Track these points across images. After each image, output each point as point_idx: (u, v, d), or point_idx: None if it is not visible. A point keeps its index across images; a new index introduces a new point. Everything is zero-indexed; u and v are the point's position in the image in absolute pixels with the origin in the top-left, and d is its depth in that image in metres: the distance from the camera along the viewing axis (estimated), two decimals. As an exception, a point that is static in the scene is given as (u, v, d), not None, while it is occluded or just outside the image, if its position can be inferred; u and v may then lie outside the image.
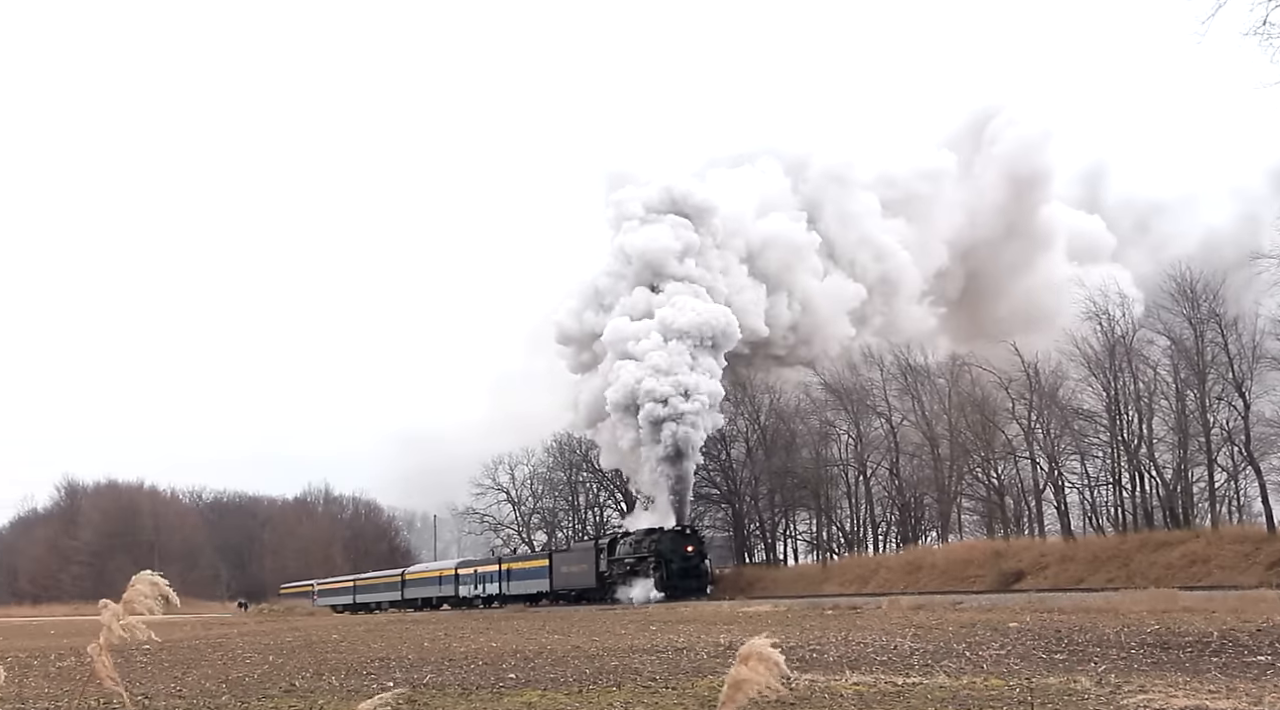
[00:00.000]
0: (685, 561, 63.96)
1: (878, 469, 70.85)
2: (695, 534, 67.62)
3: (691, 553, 64.55)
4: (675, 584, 62.96)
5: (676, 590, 62.16)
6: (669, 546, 64.34)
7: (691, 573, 64.02)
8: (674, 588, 62.53)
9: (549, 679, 19.69)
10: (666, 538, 65.07)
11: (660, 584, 63.22)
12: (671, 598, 60.71)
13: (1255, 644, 20.82)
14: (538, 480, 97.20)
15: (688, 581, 63.31)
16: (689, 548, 64.63)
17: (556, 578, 73.35)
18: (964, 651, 21.70)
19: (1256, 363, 50.23)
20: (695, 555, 64.84)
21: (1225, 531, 51.06)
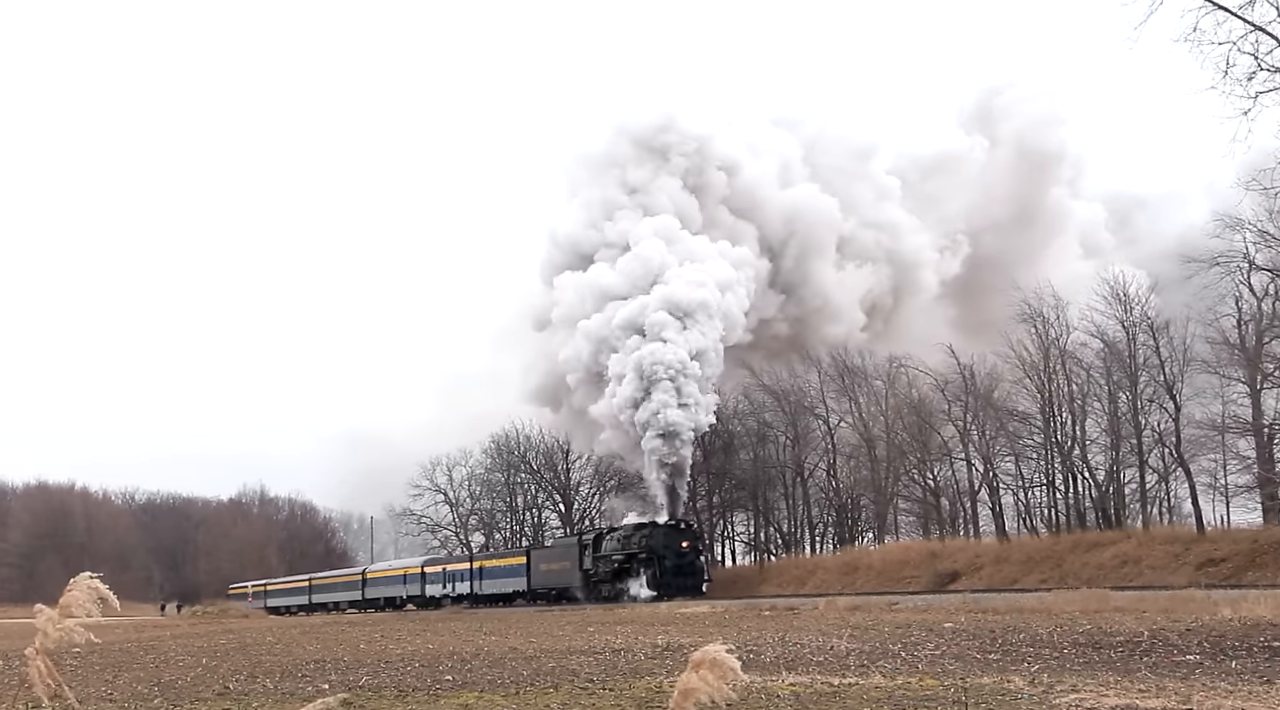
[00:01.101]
0: (680, 558, 60.53)
1: (815, 470, 71.23)
2: (690, 529, 64.02)
3: (687, 549, 61.23)
4: (669, 582, 59.30)
5: (670, 588, 58.59)
6: (662, 542, 60.83)
7: (686, 570, 60.52)
8: (667, 586, 58.91)
9: (486, 681, 19.61)
10: (659, 532, 61.53)
11: (652, 582, 59.70)
12: (665, 597, 57.17)
13: (1184, 643, 21.10)
14: (476, 482, 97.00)
15: (682, 579, 59.70)
16: (684, 543, 61.32)
17: (535, 576, 70.08)
18: (900, 652, 21.83)
19: (1187, 366, 50.90)
20: (690, 551, 61.57)
21: (1156, 532, 51.73)
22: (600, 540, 65.64)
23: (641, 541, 61.44)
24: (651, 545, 60.64)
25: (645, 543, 61.10)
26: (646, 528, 62.53)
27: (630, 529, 63.91)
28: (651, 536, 61.19)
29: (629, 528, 64.46)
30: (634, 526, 64.08)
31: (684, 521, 63.41)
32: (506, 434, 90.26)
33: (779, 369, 72.04)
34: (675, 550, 60.41)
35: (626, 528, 64.86)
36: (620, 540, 63.46)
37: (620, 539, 63.63)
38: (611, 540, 64.51)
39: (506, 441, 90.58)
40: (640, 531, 62.39)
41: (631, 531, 63.27)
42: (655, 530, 61.69)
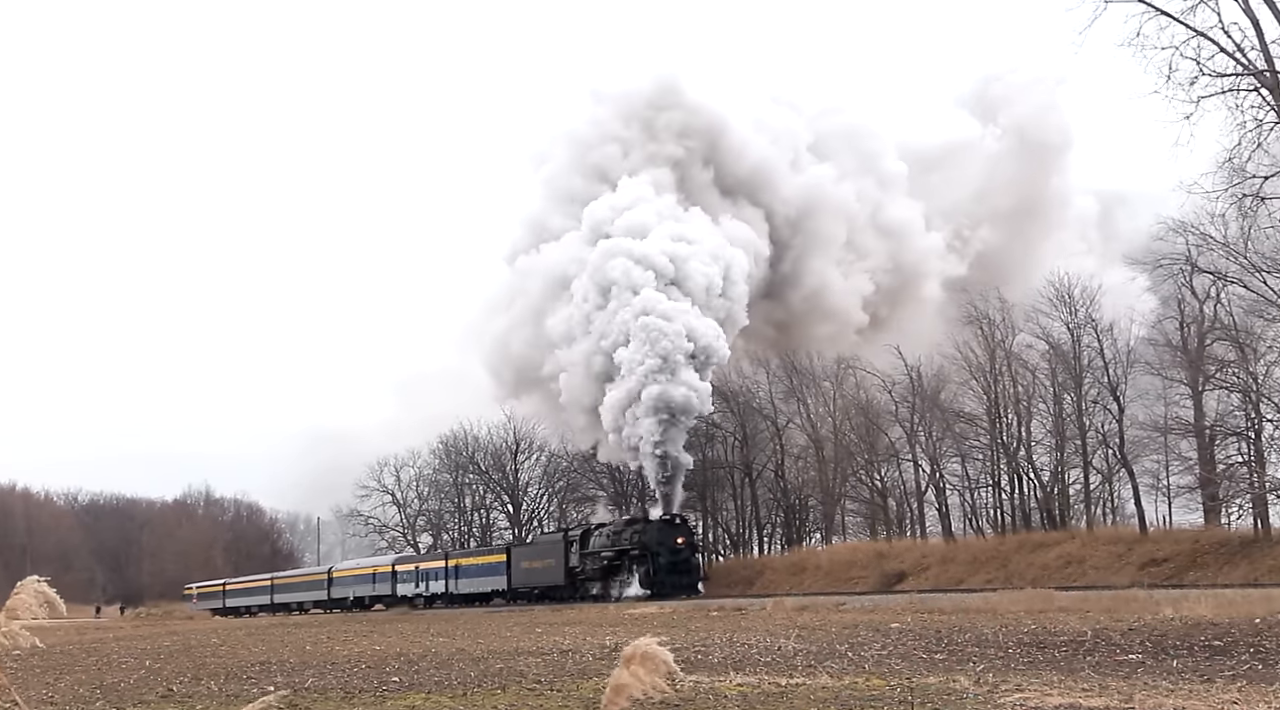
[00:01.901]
0: (674, 555, 57.30)
1: (763, 471, 71.38)
2: (685, 524, 60.56)
3: (682, 545, 58.04)
4: (663, 580, 56.42)
5: (664, 587, 55.92)
6: (655, 538, 57.61)
7: (681, 567, 57.42)
8: (661, 584, 56.17)
9: (433, 682, 19.55)
10: (653, 528, 58.37)
11: (645, 580, 56.85)
12: (659, 596, 54.92)
13: (1127, 643, 21.32)
14: (424, 482, 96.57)
15: (677, 577, 56.80)
16: (679, 540, 58.09)
17: (517, 574, 66.95)
18: (846, 652, 21.94)
19: (1131, 367, 51.41)
20: (686, 548, 58.39)
21: (1100, 533, 52.24)
22: (588, 537, 62.82)
23: (633, 538, 58.60)
24: (644, 542, 57.74)
25: (637, 539, 58.25)
26: (638, 524, 60.07)
27: (620, 525, 61.51)
28: (644, 533, 58.30)
29: (619, 523, 62.20)
30: (625, 522, 61.81)
31: (679, 517, 60.08)
32: (455, 434, 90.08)
33: (727, 369, 71.52)
34: (669, 547, 57.45)
35: (616, 523, 62.59)
36: (610, 537, 60.76)
37: (609, 535, 60.95)
38: (600, 536, 61.76)
39: (455, 442, 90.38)
40: (632, 527, 59.78)
41: (622, 527, 60.75)
42: (648, 526, 58.89)
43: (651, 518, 60.46)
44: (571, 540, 63.39)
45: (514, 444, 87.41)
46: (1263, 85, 24.99)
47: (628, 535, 58.92)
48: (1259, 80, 24.99)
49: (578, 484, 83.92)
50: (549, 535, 71.64)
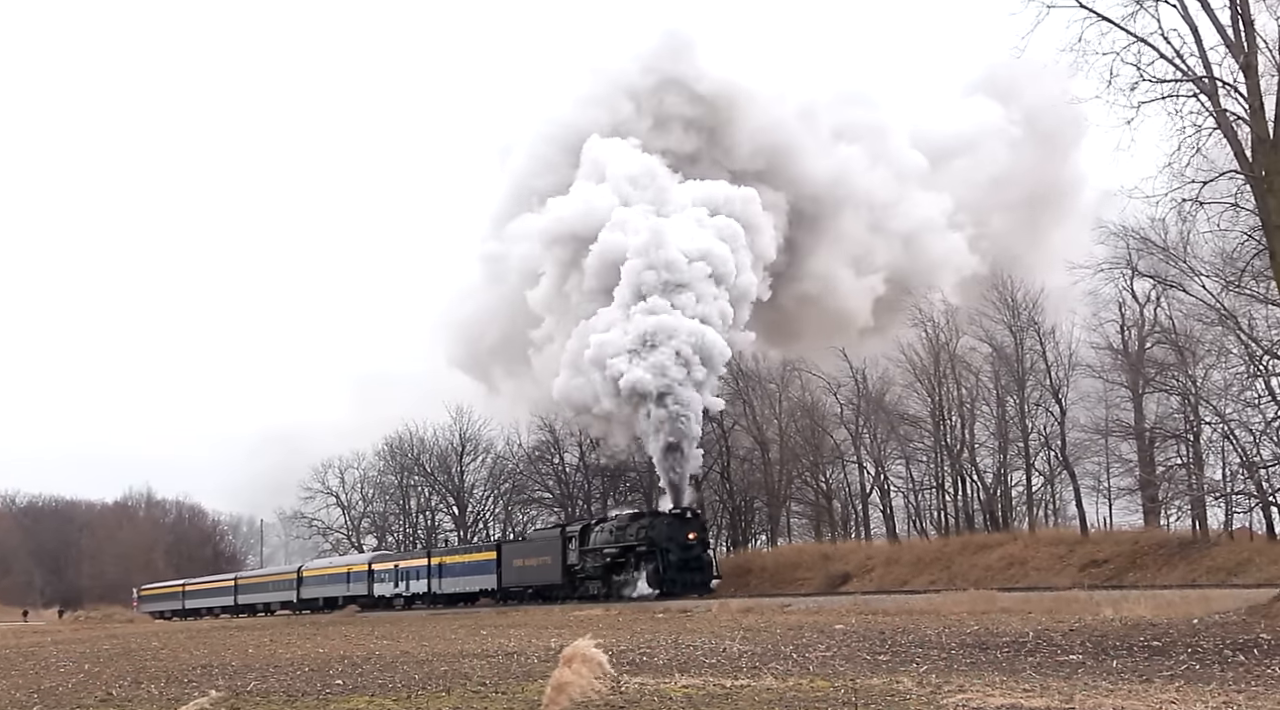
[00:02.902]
0: (686, 551, 53.17)
1: (709, 473, 71.47)
2: (698, 518, 56.18)
3: (694, 541, 53.79)
4: (673, 578, 52.58)
5: (675, 585, 52.17)
6: (665, 533, 53.54)
7: (693, 565, 53.25)
8: (671, 582, 52.41)
9: (377, 685, 19.47)
10: (662, 523, 54.32)
11: (654, 578, 53.07)
12: (669, 595, 51.16)
13: (1068, 644, 21.51)
14: (368, 484, 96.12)
15: (689, 575, 52.87)
16: (691, 535, 53.76)
17: (508, 573, 63.11)
18: (791, 653, 22.01)
19: (1072, 370, 51.91)
20: (698, 544, 54.11)
21: (1041, 534, 52.78)
22: (588, 532, 58.86)
23: (640, 533, 54.76)
24: (653, 537, 53.81)
25: (645, 534, 54.38)
26: (645, 518, 56.52)
27: (625, 519, 57.59)
28: (652, 527, 54.46)
29: (623, 518, 58.14)
30: (630, 516, 58.00)
31: (690, 510, 55.84)
32: (400, 436, 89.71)
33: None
34: (680, 542, 53.40)
35: (620, 518, 58.48)
36: (613, 532, 56.96)
37: (613, 530, 57.08)
38: (602, 532, 57.89)
39: (400, 444, 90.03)
40: (638, 522, 56.10)
41: (627, 522, 56.89)
42: (657, 520, 55.06)
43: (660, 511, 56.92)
44: (570, 536, 59.65)
45: (460, 446, 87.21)
46: (1201, 91, 25.32)
47: (634, 530, 55.38)
48: (1198, 86, 25.31)
49: (523, 486, 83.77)
50: (544, 531, 67.96)
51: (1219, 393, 35.81)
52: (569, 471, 79.28)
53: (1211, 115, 25.31)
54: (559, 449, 78.55)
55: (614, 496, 76.58)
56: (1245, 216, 26.50)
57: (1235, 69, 25.10)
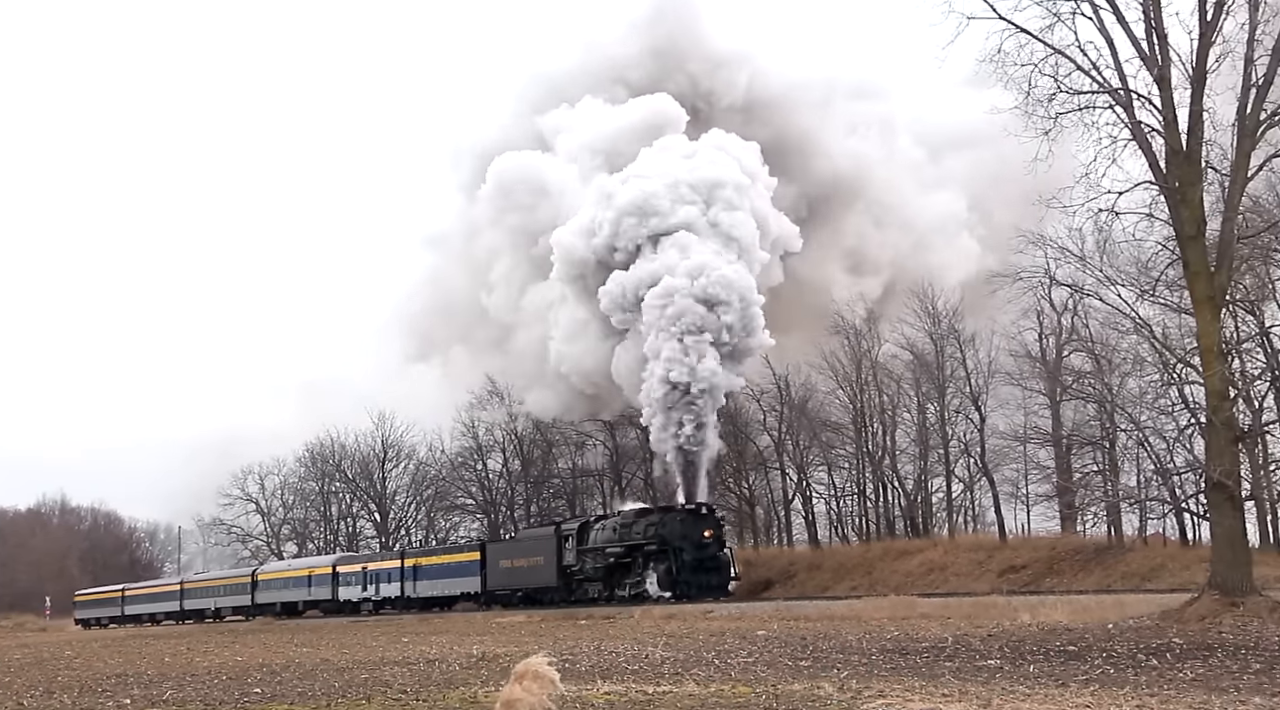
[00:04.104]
0: (701, 551, 49.46)
1: (633, 479, 71.53)
2: (713, 514, 52.02)
3: (709, 539, 49.95)
4: (688, 579, 48.95)
5: (690, 588, 48.58)
6: (679, 531, 49.79)
7: (709, 565, 49.58)
8: (686, 584, 48.76)
9: (296, 693, 19.29)
10: (675, 520, 50.50)
11: (666, 580, 49.25)
12: (683, 597, 47.75)
13: (986, 649, 21.74)
14: (288, 490, 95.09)
15: (705, 577, 49.23)
16: (706, 532, 49.85)
17: (493, 575, 59.25)
18: (713, 659, 22.07)
19: (992, 377, 52.53)
20: (714, 542, 50.29)
21: (961, 540, 53.37)
22: (586, 530, 54.80)
23: (649, 531, 50.88)
24: (664, 535, 50.04)
25: (655, 532, 50.50)
26: (655, 514, 52.46)
27: (631, 516, 53.51)
28: (663, 525, 50.53)
29: (629, 515, 54.03)
30: (636, 513, 53.94)
31: (705, 506, 51.70)
32: (321, 442, 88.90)
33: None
34: (695, 541, 49.52)
35: (626, 515, 54.33)
36: (617, 530, 53.02)
37: (617, 528, 53.12)
38: (603, 530, 53.96)
39: (321, 449, 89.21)
40: (646, 519, 52.09)
41: (633, 519, 52.90)
42: (668, 517, 51.14)
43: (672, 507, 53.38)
44: (566, 534, 55.57)
45: (382, 452, 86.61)
46: (1117, 103, 25.78)
47: (641, 528, 51.51)
48: (1113, 98, 25.77)
49: (446, 492, 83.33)
50: (536, 529, 63.87)
51: (1134, 400, 36.30)
52: (492, 478, 78.94)
53: (1127, 127, 25.77)
54: (482, 455, 78.22)
55: (537, 503, 76.42)
56: (1160, 227, 27.00)
57: (1150, 82, 25.60)
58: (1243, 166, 25.46)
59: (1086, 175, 26.03)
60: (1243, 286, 33.73)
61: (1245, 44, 25.17)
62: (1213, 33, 25.22)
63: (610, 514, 56.57)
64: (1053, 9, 25.61)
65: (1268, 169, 26.41)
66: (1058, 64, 25.92)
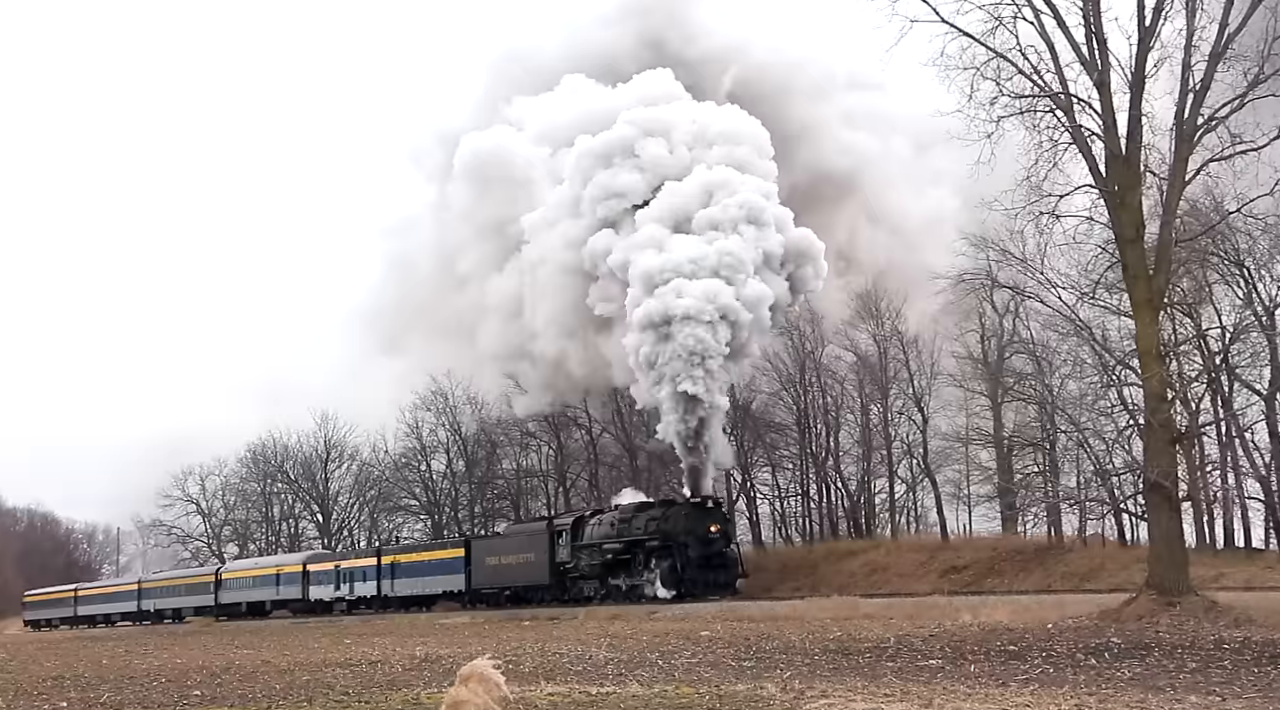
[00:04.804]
0: (707, 546, 46.98)
1: (577, 480, 71.46)
2: (719, 508, 49.85)
3: (716, 535, 47.48)
4: (693, 577, 46.61)
5: (695, 586, 46.33)
6: (683, 526, 47.34)
7: (716, 562, 47.19)
8: (691, 582, 46.51)
9: (236, 695, 19.13)
10: (679, 514, 48.14)
11: (670, 577, 46.86)
12: (687, 596, 45.72)
13: (928, 649, 21.88)
14: (230, 491, 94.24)
15: (711, 574, 46.89)
16: (713, 527, 47.45)
17: (479, 572, 56.71)
18: (657, 661, 22.08)
19: (934, 379, 52.87)
20: (721, 538, 47.83)
21: (903, 541, 53.73)
22: (581, 525, 52.13)
23: (651, 526, 48.39)
24: (667, 530, 47.63)
25: (658, 527, 48.06)
26: (657, 508, 49.98)
27: (630, 510, 50.69)
28: (666, 519, 48.16)
29: (627, 509, 51.19)
30: (636, 507, 51.09)
31: (711, 499, 49.57)
32: (263, 443, 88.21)
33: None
34: (700, 536, 47.07)
35: (624, 509, 51.43)
36: (615, 525, 50.32)
37: (615, 523, 50.42)
38: (600, 525, 51.25)
39: (263, 450, 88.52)
40: (646, 513, 49.50)
41: (632, 513, 50.13)
42: (672, 511, 48.89)
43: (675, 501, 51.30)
44: (560, 530, 53.12)
45: (324, 452, 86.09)
46: (1058, 107, 26.04)
47: (642, 522, 48.98)
48: (1054, 102, 26.03)
49: (390, 493, 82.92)
50: (526, 524, 60.99)
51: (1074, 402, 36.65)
52: (436, 478, 78.63)
53: (1067, 131, 26.02)
54: (426, 456, 77.91)
55: (481, 503, 76.19)
56: (1099, 230, 27.28)
57: (1090, 86, 25.88)
58: (1180, 171, 25.78)
59: (1028, 178, 26.28)
60: (1180, 290, 34.22)
61: (1183, 49, 25.51)
62: (1151, 38, 25.55)
63: (606, 508, 53.92)
64: (994, 13, 25.87)
65: (1205, 173, 26.70)
66: (999, 68, 26.18)
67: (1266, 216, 29.63)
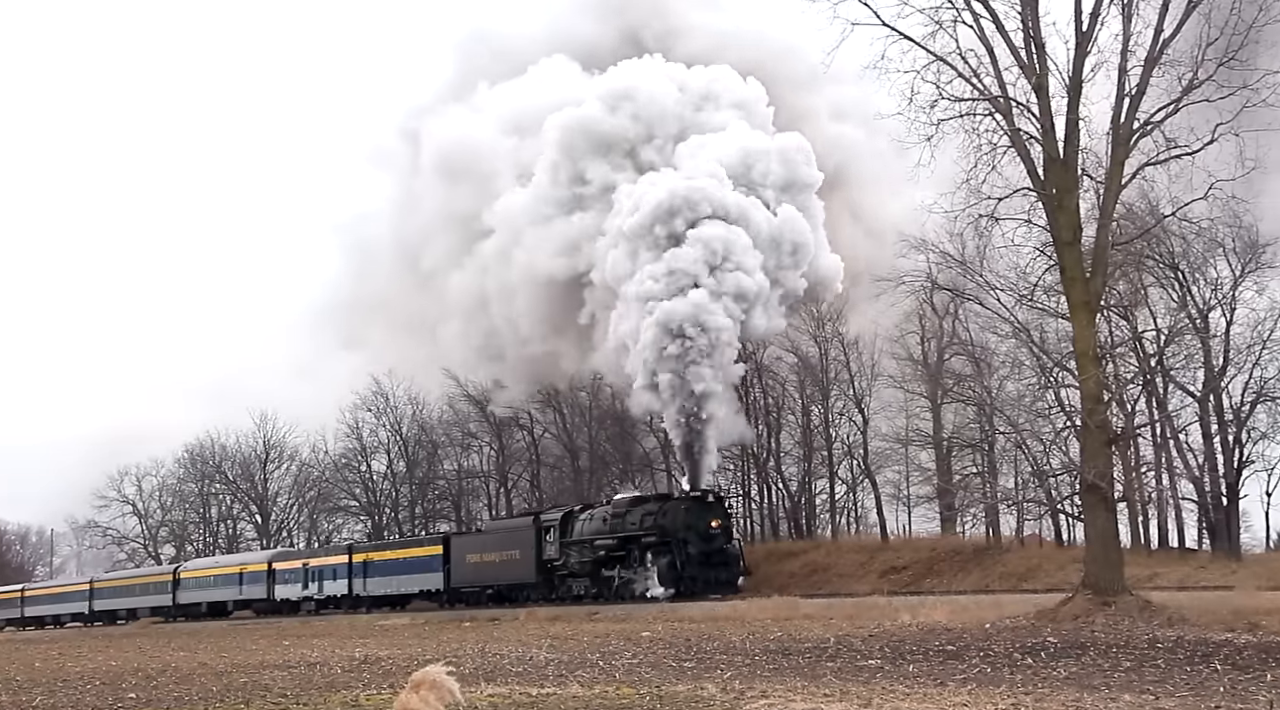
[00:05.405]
0: (708, 542, 45.14)
1: (519, 481, 71.33)
2: (721, 503, 48.11)
3: (717, 530, 45.64)
4: (694, 575, 44.71)
5: (695, 584, 44.45)
6: (682, 521, 45.32)
7: (717, 559, 45.32)
8: (692, 580, 44.60)
9: (172, 698, 18.95)
10: (678, 508, 46.02)
11: (669, 575, 44.84)
12: (686, 594, 43.77)
13: (867, 649, 21.99)
14: (167, 492, 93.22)
15: (713, 571, 45.07)
16: (714, 522, 45.59)
17: (459, 570, 54.38)
18: (598, 661, 22.06)
19: (874, 380, 53.15)
20: (721, 533, 45.96)
21: (844, 542, 53.98)
22: (571, 520, 49.78)
23: (647, 521, 46.39)
24: (665, 525, 45.55)
25: (655, 522, 46.07)
26: (654, 502, 47.92)
27: (624, 505, 48.52)
28: (664, 514, 46.12)
29: (621, 503, 49.00)
30: (631, 501, 49.06)
31: (711, 492, 47.73)
32: (201, 443, 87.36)
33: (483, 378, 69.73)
34: (701, 532, 45.18)
35: (618, 503, 49.25)
36: (607, 520, 48.20)
37: (608, 518, 48.27)
38: (591, 520, 49.03)
39: (201, 450, 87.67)
40: (642, 507, 47.50)
41: (626, 508, 48.04)
42: (670, 505, 46.77)
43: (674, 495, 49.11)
44: (547, 525, 50.62)
45: (264, 453, 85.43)
46: (997, 110, 26.26)
47: (637, 517, 46.92)
48: (993, 105, 26.25)
49: (330, 493, 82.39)
50: (510, 520, 58.60)
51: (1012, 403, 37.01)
52: (376, 479, 78.22)
53: (1006, 134, 26.25)
54: (366, 456, 77.50)
55: (422, 504, 75.91)
56: (1038, 233, 27.54)
57: (1028, 90, 26.12)
58: (1117, 174, 26.08)
59: (967, 181, 26.49)
60: (1117, 292, 34.65)
61: (1119, 54, 25.81)
62: (1088, 43, 25.83)
63: (597, 503, 52.18)
64: (934, 16, 26.06)
65: (1141, 177, 27.01)
66: (939, 71, 26.37)
67: (1201, 220, 30.05)
